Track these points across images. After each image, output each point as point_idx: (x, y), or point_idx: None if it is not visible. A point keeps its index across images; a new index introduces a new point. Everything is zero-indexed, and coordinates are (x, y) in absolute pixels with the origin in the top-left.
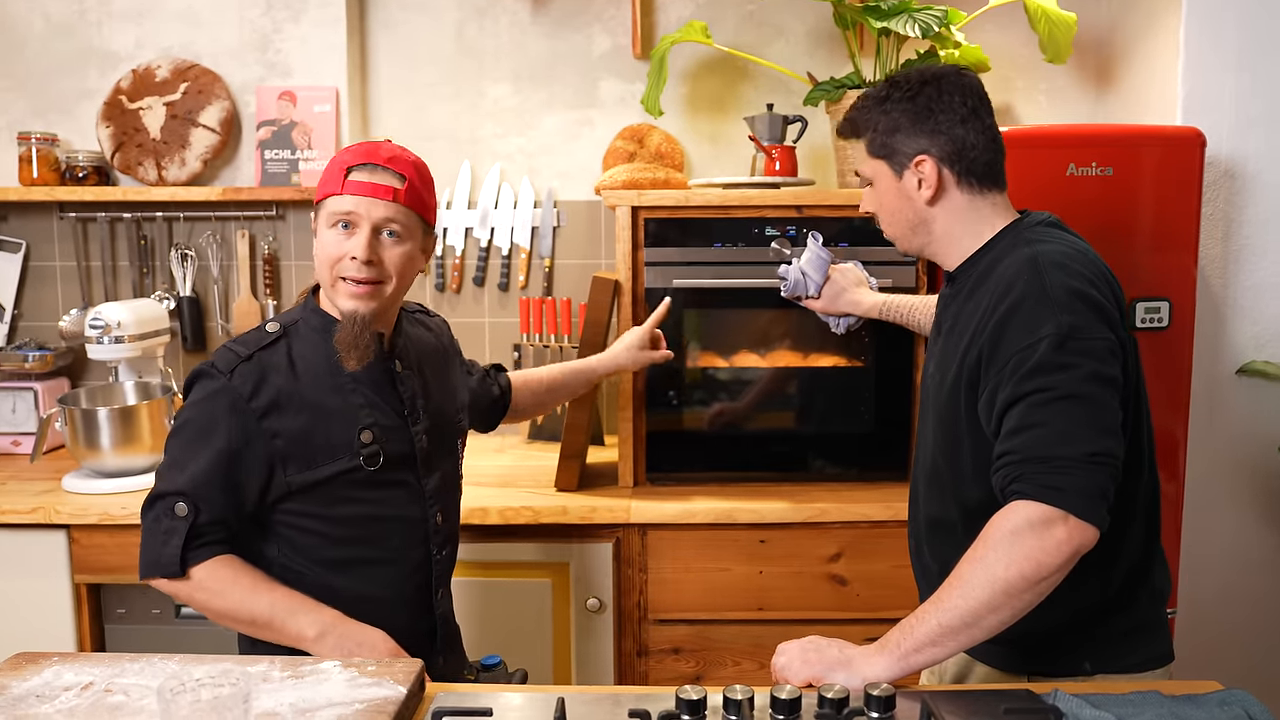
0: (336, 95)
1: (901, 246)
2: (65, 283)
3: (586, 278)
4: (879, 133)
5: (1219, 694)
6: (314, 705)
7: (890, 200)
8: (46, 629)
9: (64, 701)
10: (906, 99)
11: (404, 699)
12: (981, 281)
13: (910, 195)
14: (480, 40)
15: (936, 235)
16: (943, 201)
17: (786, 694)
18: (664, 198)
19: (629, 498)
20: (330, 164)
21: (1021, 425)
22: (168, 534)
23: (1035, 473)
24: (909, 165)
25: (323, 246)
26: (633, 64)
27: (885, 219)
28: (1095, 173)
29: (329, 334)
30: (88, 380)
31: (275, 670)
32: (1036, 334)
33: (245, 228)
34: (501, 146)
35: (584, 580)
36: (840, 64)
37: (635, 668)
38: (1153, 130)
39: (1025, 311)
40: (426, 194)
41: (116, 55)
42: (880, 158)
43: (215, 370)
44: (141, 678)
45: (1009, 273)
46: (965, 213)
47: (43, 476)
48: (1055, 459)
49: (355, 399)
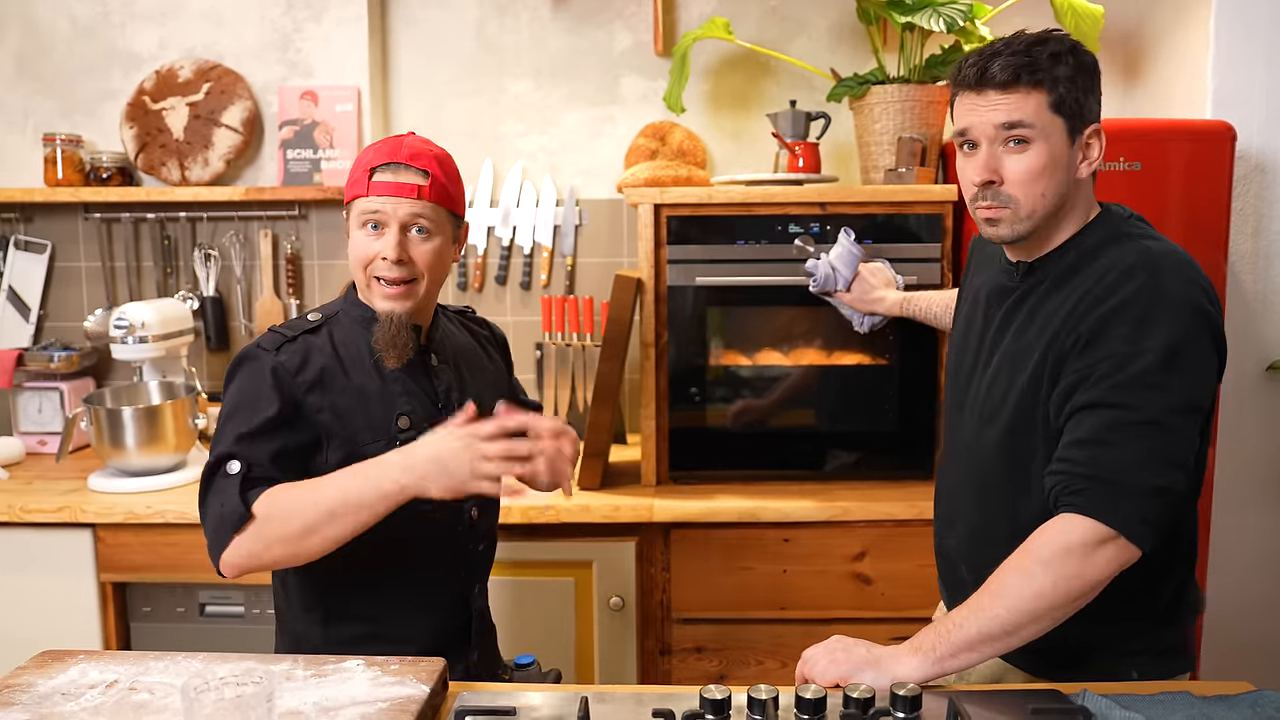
0: (358, 94)
1: (1023, 228)
2: (90, 283)
3: (608, 276)
4: (1070, 89)
5: (1251, 695)
6: (337, 704)
7: (1053, 168)
8: (72, 627)
9: (89, 699)
10: (1090, 61)
11: (427, 698)
12: (1071, 274)
13: (1073, 166)
14: (501, 37)
15: (1062, 217)
16: (1083, 181)
17: (811, 694)
18: (686, 195)
19: (652, 496)
20: (355, 164)
21: (1095, 438)
22: (224, 493)
23: (1099, 492)
24: (1082, 132)
25: (355, 247)
26: (654, 60)
27: (1035, 189)
28: (1123, 167)
29: (369, 325)
30: (112, 380)
31: (299, 669)
32: (1142, 343)
33: (268, 227)
34: (523, 144)
35: (607, 579)
36: (864, 59)
37: (658, 666)
38: (1182, 124)
39: (1135, 313)
40: (452, 186)
41: (139, 56)
42: (1061, 115)
43: (260, 350)
44: (166, 676)
45: (1120, 264)
46: (1087, 194)
47: (69, 476)
48: (1122, 484)
49: (394, 386)
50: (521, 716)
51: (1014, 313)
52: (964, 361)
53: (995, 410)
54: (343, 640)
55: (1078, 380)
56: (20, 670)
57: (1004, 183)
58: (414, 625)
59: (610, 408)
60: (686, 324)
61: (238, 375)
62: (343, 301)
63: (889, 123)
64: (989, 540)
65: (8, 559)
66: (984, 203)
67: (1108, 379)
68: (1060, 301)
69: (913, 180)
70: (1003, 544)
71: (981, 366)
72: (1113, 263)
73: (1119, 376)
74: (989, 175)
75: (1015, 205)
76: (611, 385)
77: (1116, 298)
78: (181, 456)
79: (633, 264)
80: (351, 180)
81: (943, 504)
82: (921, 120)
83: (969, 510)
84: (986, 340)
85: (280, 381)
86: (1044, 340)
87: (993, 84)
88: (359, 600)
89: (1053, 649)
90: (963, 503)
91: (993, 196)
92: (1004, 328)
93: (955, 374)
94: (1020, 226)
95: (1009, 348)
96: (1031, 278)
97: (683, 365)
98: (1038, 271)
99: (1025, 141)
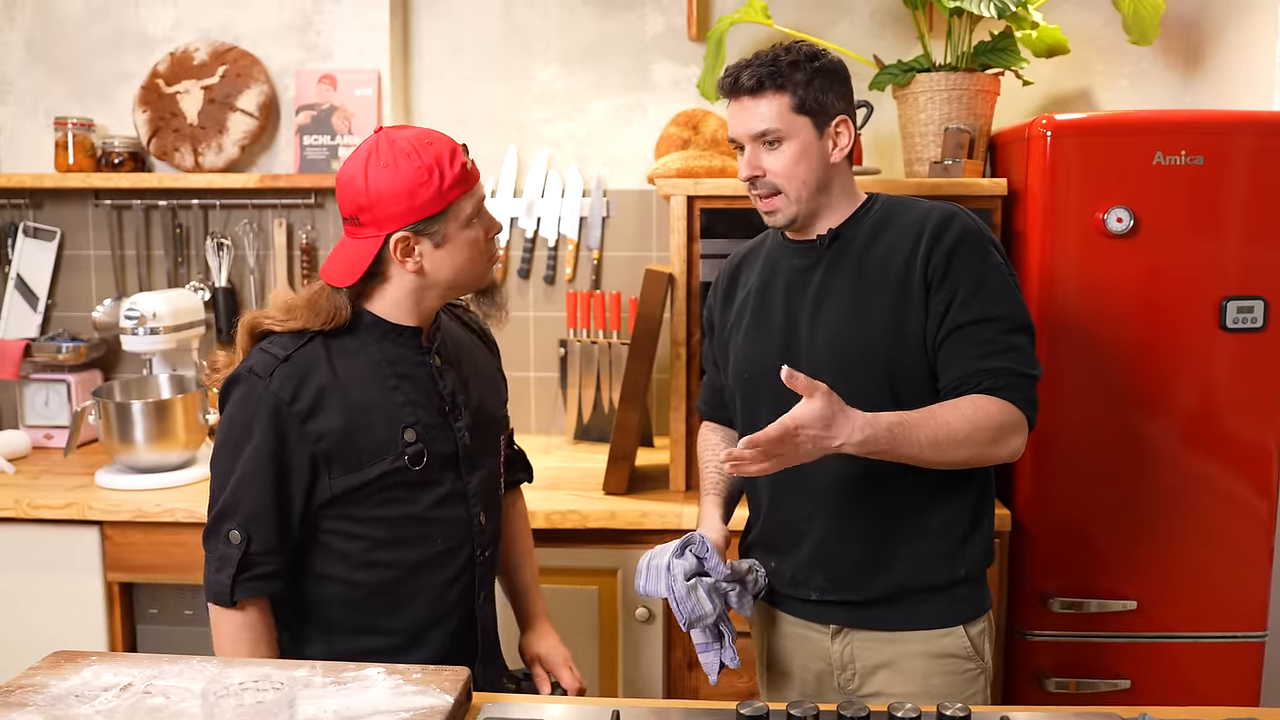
0: (378, 78)
1: (793, 211)
2: (99, 272)
3: (635, 270)
4: (808, 89)
5: None
6: (359, 713)
7: (805, 158)
8: (77, 628)
9: (103, 702)
10: (828, 63)
11: (451, 708)
12: (881, 230)
13: (825, 154)
14: (529, 20)
15: (832, 197)
16: (840, 165)
17: (853, 712)
18: (721, 187)
19: (681, 502)
20: (422, 171)
21: (1000, 348)
22: (222, 562)
23: (1019, 386)
24: (829, 125)
25: (476, 240)
26: (688, 46)
27: (795, 176)
28: (1184, 161)
29: (377, 333)
30: (121, 372)
31: (317, 675)
32: (987, 264)
33: (283, 216)
34: (549, 132)
35: (632, 589)
36: (908, 46)
37: (685, 681)
38: (1247, 116)
39: (972, 244)
40: None
41: (154, 38)
42: (805, 114)
43: (253, 374)
44: (181, 680)
45: (932, 216)
46: (849, 178)
47: (76, 471)
48: (1027, 377)
49: (397, 397)
50: None
51: (830, 275)
52: (765, 352)
53: (852, 353)
54: (352, 654)
55: (945, 306)
56: (33, 670)
57: (766, 174)
58: (425, 637)
59: (638, 408)
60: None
61: (231, 398)
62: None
63: (935, 112)
64: (872, 481)
65: (14, 556)
66: (756, 192)
67: (975, 298)
68: (886, 251)
69: (960, 173)
70: (888, 472)
71: (806, 337)
72: (917, 219)
73: (983, 295)
74: (751, 171)
75: (784, 192)
76: (640, 385)
77: (949, 238)
78: (191, 453)
79: (661, 258)
80: (438, 192)
81: (790, 508)
82: (969, 110)
83: (839, 477)
84: (802, 315)
85: (275, 413)
86: (891, 281)
87: (743, 91)
88: (368, 616)
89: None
90: (821, 481)
91: (761, 185)
92: (824, 292)
93: (752, 377)
94: (794, 209)
95: (846, 301)
96: (837, 243)
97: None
98: (842, 237)
99: (777, 141)
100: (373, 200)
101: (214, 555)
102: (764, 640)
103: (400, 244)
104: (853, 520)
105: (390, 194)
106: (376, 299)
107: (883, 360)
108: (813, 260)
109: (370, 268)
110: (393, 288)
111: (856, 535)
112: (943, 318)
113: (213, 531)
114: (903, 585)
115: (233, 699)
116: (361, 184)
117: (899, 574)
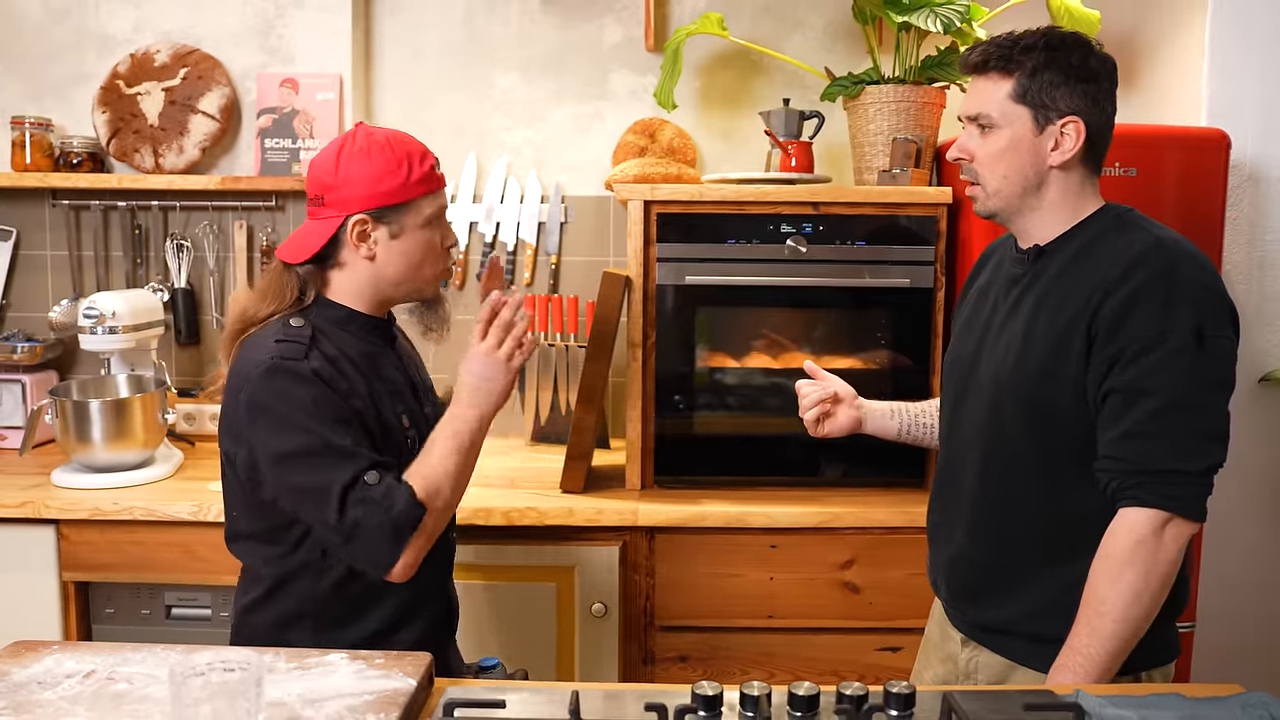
0: (340, 83)
1: (992, 205)
2: (56, 272)
3: (593, 275)
4: (1035, 78)
5: (1241, 696)
6: (322, 695)
7: (1013, 152)
8: (32, 628)
9: (66, 689)
10: (1071, 56)
11: (414, 691)
12: (1082, 259)
13: (1041, 153)
14: (490, 29)
15: (1045, 203)
16: (1066, 170)
17: (804, 690)
18: (678, 192)
19: (636, 500)
20: (392, 163)
21: (1139, 430)
22: (378, 502)
23: (1153, 484)
24: (1054, 122)
25: (432, 244)
26: (645, 56)
27: (997, 170)
28: (1118, 173)
29: (347, 325)
30: (78, 373)
31: (280, 661)
32: (1165, 325)
33: (243, 218)
34: (509, 139)
35: (589, 584)
36: (859, 59)
37: (640, 675)
38: (1177, 131)
39: (1155, 298)
40: None
41: (114, 39)
42: (1025, 104)
43: (287, 360)
44: (144, 667)
45: (1129, 253)
46: (1078, 186)
47: (31, 471)
48: (1175, 473)
49: (383, 386)
50: (511, 711)
51: (1025, 295)
52: (964, 353)
53: (1007, 382)
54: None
55: (1108, 365)
56: None
57: (971, 160)
58: (412, 620)
59: (595, 409)
60: (673, 324)
61: (276, 384)
62: (314, 307)
63: (884, 123)
64: (1004, 514)
65: None
66: (964, 177)
67: (1136, 363)
68: (1072, 284)
69: (907, 182)
70: (1018, 514)
71: (989, 350)
72: (1118, 250)
73: (1148, 360)
74: (958, 153)
75: (982, 183)
76: (597, 385)
77: (1132, 283)
78: (150, 452)
79: (618, 263)
80: (407, 181)
81: (948, 512)
82: (916, 122)
83: (977, 498)
84: (994, 325)
85: (328, 384)
86: (1062, 320)
87: (970, 67)
88: (357, 607)
89: (1057, 642)
90: (966, 494)
91: (966, 171)
92: (1014, 311)
93: (952, 372)
94: (990, 203)
95: (1021, 328)
96: (1040, 262)
97: (669, 367)
98: (1046, 256)
99: (989, 127)
100: (340, 181)
101: (371, 515)
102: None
103: (358, 226)
104: (979, 545)
105: (358, 177)
106: (335, 288)
107: (1034, 404)
108: (1021, 272)
109: (326, 249)
110: (348, 277)
111: (978, 561)
112: (1103, 378)
113: (345, 495)
114: (1010, 622)
115: (200, 678)
116: (332, 165)
117: (1010, 610)
